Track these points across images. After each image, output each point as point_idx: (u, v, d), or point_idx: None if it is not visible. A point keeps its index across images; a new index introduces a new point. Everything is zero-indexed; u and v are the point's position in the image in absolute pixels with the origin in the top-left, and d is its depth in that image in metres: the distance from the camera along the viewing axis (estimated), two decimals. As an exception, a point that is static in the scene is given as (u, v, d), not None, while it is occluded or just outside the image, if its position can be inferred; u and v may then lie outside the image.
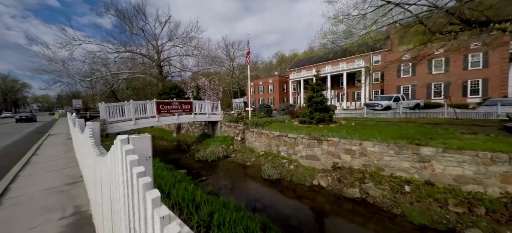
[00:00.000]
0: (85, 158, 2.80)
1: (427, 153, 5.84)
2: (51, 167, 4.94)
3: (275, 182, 7.66)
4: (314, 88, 11.51)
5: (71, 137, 10.60)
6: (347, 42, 8.78)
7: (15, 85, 63.57)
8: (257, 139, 11.29)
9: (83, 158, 3.16)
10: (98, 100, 54.26)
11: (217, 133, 15.57)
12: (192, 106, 13.46)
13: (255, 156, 10.44)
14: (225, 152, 11.99)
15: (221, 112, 15.55)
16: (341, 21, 7.95)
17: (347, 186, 6.44)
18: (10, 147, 8.75)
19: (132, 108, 10.40)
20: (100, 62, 27.89)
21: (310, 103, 11.42)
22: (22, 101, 74.31)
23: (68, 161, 5.47)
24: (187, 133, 18.97)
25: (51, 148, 7.46)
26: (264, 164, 9.20)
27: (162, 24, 29.64)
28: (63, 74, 24.77)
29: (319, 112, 11.07)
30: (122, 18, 26.88)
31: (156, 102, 11.48)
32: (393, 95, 17.04)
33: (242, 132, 12.45)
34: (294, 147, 8.89)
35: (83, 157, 3.26)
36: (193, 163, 11.12)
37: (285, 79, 41.87)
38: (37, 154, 6.50)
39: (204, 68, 35.56)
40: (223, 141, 13.59)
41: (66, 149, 7.27)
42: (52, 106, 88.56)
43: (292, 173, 8.02)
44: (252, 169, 9.29)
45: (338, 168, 7.36)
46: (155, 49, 29.86)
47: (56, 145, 8.24)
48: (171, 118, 12.38)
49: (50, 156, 6.24)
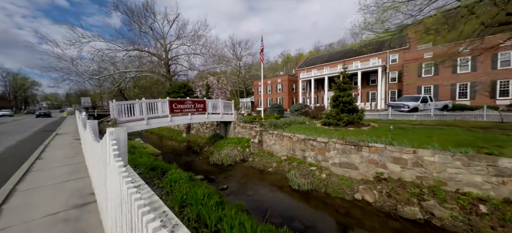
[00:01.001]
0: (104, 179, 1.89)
1: (508, 166, 4.73)
2: (56, 177, 4.11)
3: (306, 193, 6.67)
4: (341, 87, 10.44)
5: (79, 138, 9.89)
6: (388, 32, 7.69)
7: (25, 83, 64.58)
8: (277, 142, 10.32)
9: (99, 175, 2.25)
10: (106, 99, 54.48)
11: (230, 134, 14.68)
12: (205, 105, 12.60)
13: (276, 161, 9.47)
14: (242, 156, 11.07)
15: (235, 112, 14.65)
16: (386, 9, 6.87)
17: (401, 203, 5.39)
18: (14, 148, 8.06)
19: (144, 107, 9.59)
20: (108, 61, 27.50)
21: (336, 103, 10.36)
22: (31, 98, 75.63)
23: (76, 169, 4.63)
24: (198, 134, 18.16)
25: (57, 151, 6.68)
26: (289, 171, 8.22)
27: (170, 22, 29.02)
28: (71, 72, 24.48)
29: (347, 113, 10.01)
30: (130, 16, 26.38)
31: (169, 101, 10.66)
32: (420, 96, 15.76)
33: (260, 134, 11.50)
34: (325, 152, 7.87)
35: (98, 174, 2.35)
36: (208, 167, 10.24)
37: (294, 78, 40.73)
38: (41, 158, 5.71)
39: (211, 67, 34.82)
40: (238, 143, 12.68)
41: (74, 152, 6.47)
42: (61, 104, 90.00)
43: (325, 183, 7.00)
44: (276, 176, 8.32)
45: (383, 179, 6.31)
46: (163, 48, 29.31)
47: (63, 147, 7.48)
48: (184, 118, 11.55)
49: (56, 161, 5.44)
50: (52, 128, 15.91)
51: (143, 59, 31.55)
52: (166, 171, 4.77)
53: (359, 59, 31.59)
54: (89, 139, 2.80)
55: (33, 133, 13.22)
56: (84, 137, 4.07)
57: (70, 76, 24.52)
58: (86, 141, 3.76)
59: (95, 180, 2.76)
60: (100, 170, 2.09)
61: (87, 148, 3.72)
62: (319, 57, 41.39)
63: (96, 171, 2.52)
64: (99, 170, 2.20)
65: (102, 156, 1.90)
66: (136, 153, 5.49)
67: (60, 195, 3.26)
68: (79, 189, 3.47)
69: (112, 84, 37.26)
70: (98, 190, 2.49)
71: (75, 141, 8.70)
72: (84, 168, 4.65)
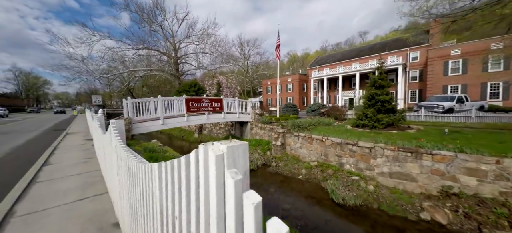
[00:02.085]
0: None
1: None
2: (67, 194, 3.23)
3: (354, 209, 5.60)
4: (377, 84, 9.29)
5: (90, 138, 9.16)
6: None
7: (37, 82, 65.92)
8: (304, 145, 9.27)
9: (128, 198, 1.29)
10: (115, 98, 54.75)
11: (246, 135, 13.73)
12: (222, 104, 11.69)
13: (305, 167, 8.42)
14: (263, 159, 10.08)
15: (252, 111, 13.70)
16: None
17: (487, 226, 4.25)
18: (21, 149, 7.36)
19: (160, 105, 8.76)
20: (118, 60, 27.15)
21: (372, 103, 9.21)
22: (43, 97, 77.32)
23: (91, 181, 3.76)
24: (210, 134, 17.32)
25: (68, 154, 5.88)
26: (325, 179, 7.17)
27: (180, 21, 28.40)
28: (82, 71, 24.21)
29: (385, 114, 8.85)
30: (141, 14, 25.86)
31: (185, 99, 9.80)
32: (455, 95, 14.33)
33: (282, 136, 10.48)
34: (369, 160, 6.77)
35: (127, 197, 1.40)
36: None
37: (305, 77, 39.46)
38: (49, 164, 4.89)
39: (219, 66, 34.10)
40: (256, 145, 11.70)
41: (86, 155, 5.66)
42: (71, 102, 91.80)
43: (376, 197, 5.91)
44: (308, 185, 7.27)
45: (453, 195, 5.16)
46: (172, 46, 28.78)
47: (74, 149, 6.70)
48: (201, 118, 10.68)
49: (66, 167, 4.60)
50: (63, 126, 15.42)
51: (152, 58, 31.19)
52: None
53: (376, 57, 30.01)
54: (116, 150, 1.88)
55: (43, 132, 12.67)
56: (102, 141, 3.17)
57: (81, 75, 24.27)
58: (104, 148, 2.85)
59: (124, 209, 1.82)
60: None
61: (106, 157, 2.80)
62: (331, 56, 39.96)
63: (128, 202, 1.58)
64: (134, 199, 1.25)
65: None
66: (158, 159, 4.58)
67: (71, 226, 2.35)
68: (97, 214, 2.56)
69: (121, 83, 37.17)
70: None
71: (87, 142, 7.94)
72: (100, 179, 3.77)
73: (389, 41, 33.12)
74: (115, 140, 1.86)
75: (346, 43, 74.36)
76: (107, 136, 2.46)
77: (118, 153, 1.79)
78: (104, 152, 3.06)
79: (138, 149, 5.96)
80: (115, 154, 1.94)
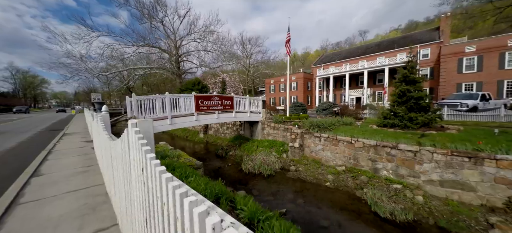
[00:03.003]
0: None
1: None
2: (57, 226, 2.32)
3: (406, 226, 4.73)
4: (409, 79, 8.41)
5: (90, 139, 8.22)
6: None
7: (35, 81, 64.58)
8: (327, 147, 8.38)
9: None
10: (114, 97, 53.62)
11: (257, 136, 12.82)
12: (233, 102, 10.78)
13: (330, 172, 7.53)
14: (280, 163, 9.19)
15: (263, 110, 12.79)
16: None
17: None
18: (11, 153, 6.42)
19: (168, 103, 7.84)
20: (117, 57, 26.08)
21: (403, 100, 8.33)
22: (41, 96, 75.95)
23: (92, 202, 2.86)
24: (217, 134, 16.39)
25: (64, 160, 4.96)
26: (358, 187, 6.30)
27: (181, 17, 27.35)
28: (80, 68, 23.19)
29: (417, 113, 7.98)
30: (141, 10, 24.79)
31: (195, 96, 8.88)
32: (479, 93, 13.48)
33: (300, 136, 9.58)
34: (413, 165, 5.89)
35: None
36: (242, 176, 8.41)
37: (309, 76, 38.55)
38: (39, 174, 3.97)
39: (221, 64, 33.14)
40: (270, 146, 10.82)
41: (85, 161, 4.74)
42: (70, 102, 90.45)
43: (428, 210, 5.03)
44: (339, 194, 6.38)
45: (529, 209, 4.29)
46: (173, 44, 27.76)
47: (71, 153, 5.77)
48: (211, 117, 9.75)
49: (60, 179, 3.69)
50: (60, 126, 14.45)
51: (152, 56, 30.20)
52: (233, 200, 2.93)
53: (384, 55, 29.19)
54: (152, 180, 0.96)
55: (38, 132, 11.71)
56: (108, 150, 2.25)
57: (79, 73, 23.24)
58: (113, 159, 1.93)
59: None
60: None
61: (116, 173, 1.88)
62: (337, 54, 39.06)
63: None
64: None
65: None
66: (175, 169, 3.68)
67: None
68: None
69: (120, 82, 36.09)
70: None
71: (86, 145, 7.01)
72: (105, 198, 2.86)
73: (396, 38, 32.25)
74: (151, 164, 0.95)
75: (346, 42, 73.60)
76: (120, 145, 1.56)
77: (154, 186, 0.90)
78: (112, 165, 2.15)
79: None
80: (147, 184, 1.04)
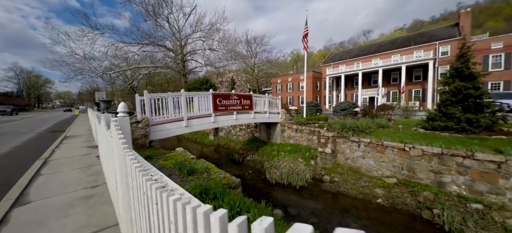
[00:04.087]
0: None
1: None
2: None
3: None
4: (464, 73, 7.17)
5: (94, 145, 7.14)
6: None
7: (38, 81, 64.33)
8: (369, 154, 7.16)
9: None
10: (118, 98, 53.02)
11: (276, 139, 11.64)
12: (252, 101, 9.65)
13: (377, 185, 6.31)
14: (310, 172, 8.01)
15: (282, 111, 11.62)
16: None
17: None
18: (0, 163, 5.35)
19: (183, 102, 6.74)
20: (121, 56, 25.13)
21: (457, 99, 7.10)
22: (45, 96, 75.85)
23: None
24: (229, 136, 15.26)
25: (61, 176, 3.87)
26: (423, 206, 5.10)
27: (187, 15, 26.30)
28: (84, 66, 22.32)
29: (475, 114, 6.74)
30: (145, 7, 23.77)
31: (212, 94, 7.78)
32: (522, 92, 12.15)
33: (332, 141, 8.38)
34: (496, 179, 4.67)
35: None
36: (267, 187, 7.26)
37: (318, 75, 37.26)
38: (26, 202, 2.86)
39: (227, 62, 32.06)
40: (293, 151, 9.67)
41: (88, 178, 3.65)
42: (73, 102, 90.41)
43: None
44: (399, 215, 5.16)
45: None
46: (178, 42, 26.74)
47: (72, 164, 4.69)
48: (229, 118, 8.63)
49: (52, 211, 2.59)
50: (61, 128, 13.48)
51: (157, 54, 29.23)
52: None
53: (399, 52, 27.79)
54: None
55: (38, 134, 10.70)
56: (127, 178, 1.14)
57: (83, 71, 22.35)
58: (140, 200, 0.81)
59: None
60: None
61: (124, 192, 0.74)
62: (347, 52, 37.72)
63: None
64: None
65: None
66: (218, 196, 2.52)
67: None
68: None
69: (124, 82, 35.24)
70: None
71: (90, 152, 5.92)
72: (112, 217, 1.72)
73: (413, 35, 30.79)
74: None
75: (350, 42, 72.21)
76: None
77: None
78: (133, 202, 1.02)
79: (168, 166, 3.93)
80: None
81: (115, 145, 1.72)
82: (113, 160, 1.96)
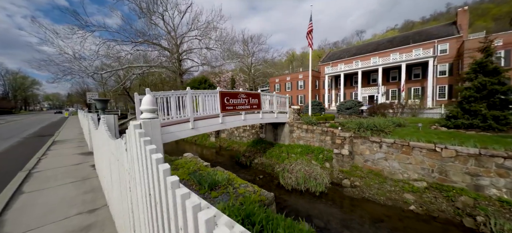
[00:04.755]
0: None
1: None
2: None
3: None
4: (488, 68, 6.79)
5: (87, 151, 6.29)
6: None
7: (25, 82, 61.26)
8: (392, 156, 6.65)
9: None
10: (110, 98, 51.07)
11: (284, 140, 11.04)
12: (260, 100, 9.02)
13: (406, 189, 5.79)
14: (327, 175, 7.44)
15: (290, 110, 11.04)
16: None
17: None
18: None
19: (189, 102, 6.02)
20: (113, 56, 23.85)
21: (482, 95, 6.70)
22: (32, 98, 72.44)
23: None
24: (231, 138, 14.54)
25: (49, 192, 3.13)
26: (462, 214, 4.61)
27: (182, 13, 25.32)
28: (74, 66, 20.98)
29: (501, 111, 6.36)
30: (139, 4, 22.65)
31: (220, 93, 7.08)
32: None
33: (349, 141, 7.85)
34: (546, 183, 4.22)
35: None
36: (286, 195, 6.63)
37: (317, 74, 37.01)
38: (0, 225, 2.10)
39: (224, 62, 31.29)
40: (304, 153, 9.09)
41: (83, 196, 2.92)
42: (63, 104, 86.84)
43: None
44: (437, 224, 4.63)
45: None
46: (174, 40, 25.71)
47: (62, 176, 3.91)
48: (237, 119, 7.94)
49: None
50: (50, 131, 12.38)
51: (152, 54, 28.04)
52: None
53: (398, 51, 27.80)
54: None
55: (23, 139, 9.66)
56: None
57: (73, 71, 21.02)
58: None
59: None
60: None
61: None
62: (345, 51, 37.66)
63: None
64: None
65: None
66: (258, 227, 1.87)
67: None
68: None
69: (116, 82, 33.76)
70: None
71: (83, 160, 5.10)
72: None
73: (411, 33, 30.94)
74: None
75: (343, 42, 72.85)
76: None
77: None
78: None
79: (182, 177, 3.23)
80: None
81: (140, 165, 1.04)
82: (133, 186, 1.28)
